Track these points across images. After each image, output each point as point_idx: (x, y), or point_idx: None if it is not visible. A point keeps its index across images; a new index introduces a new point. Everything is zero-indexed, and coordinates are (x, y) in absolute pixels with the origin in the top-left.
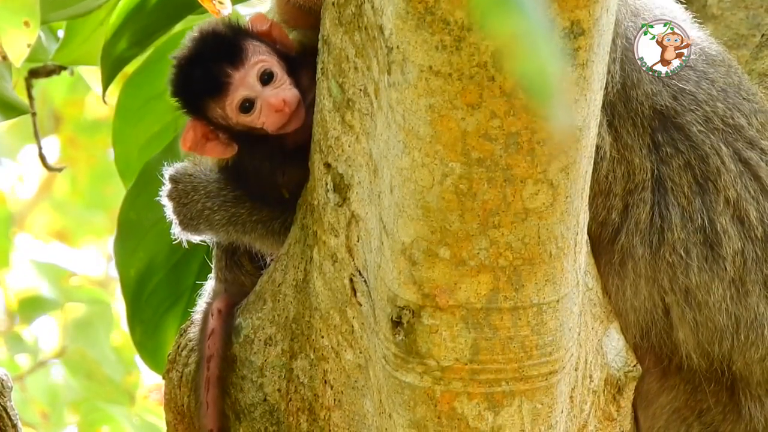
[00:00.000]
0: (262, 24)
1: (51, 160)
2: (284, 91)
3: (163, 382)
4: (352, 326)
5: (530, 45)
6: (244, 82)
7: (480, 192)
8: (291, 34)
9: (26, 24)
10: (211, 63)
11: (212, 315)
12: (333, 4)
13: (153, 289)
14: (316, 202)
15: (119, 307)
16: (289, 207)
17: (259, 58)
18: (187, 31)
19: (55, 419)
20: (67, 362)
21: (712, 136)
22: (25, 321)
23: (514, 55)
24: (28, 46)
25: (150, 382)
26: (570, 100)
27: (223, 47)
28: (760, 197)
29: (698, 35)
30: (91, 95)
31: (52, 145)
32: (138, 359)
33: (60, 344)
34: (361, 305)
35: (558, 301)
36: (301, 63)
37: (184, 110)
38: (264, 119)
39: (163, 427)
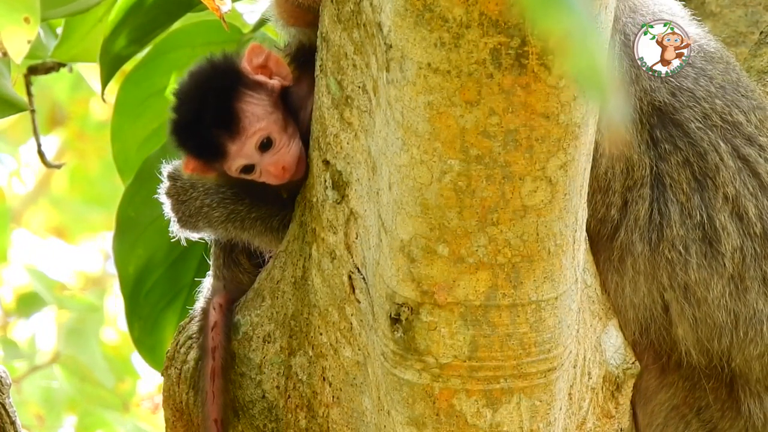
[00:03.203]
0: (258, 57)
1: (51, 157)
2: (284, 156)
3: (156, 389)
4: (351, 323)
5: (581, 42)
6: (242, 152)
7: (478, 189)
8: (289, 32)
9: (26, 20)
10: (209, 131)
11: (213, 309)
12: (332, 1)
13: (151, 286)
14: (314, 199)
15: (112, 308)
16: (287, 204)
17: (257, 127)
18: (186, 28)
19: (50, 423)
20: (61, 367)
21: (710, 133)
22: (23, 317)
23: (566, 52)
24: (28, 42)
25: (143, 390)
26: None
27: (220, 114)
28: (759, 194)
29: (697, 32)
30: (88, 92)
31: (54, 142)
32: (133, 364)
33: (55, 348)
34: (359, 302)
35: (556, 298)
36: (299, 79)
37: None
38: (264, 179)
39: None
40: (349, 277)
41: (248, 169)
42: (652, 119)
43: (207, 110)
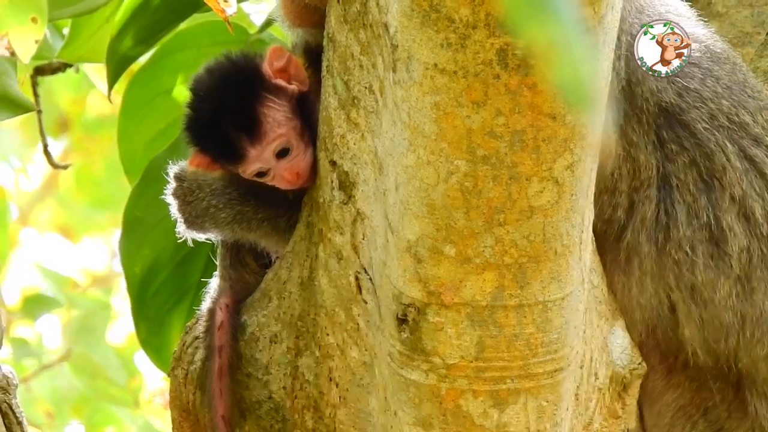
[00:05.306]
0: (279, 60)
1: (57, 157)
2: (299, 163)
3: (166, 384)
4: (358, 324)
5: (565, 51)
6: (261, 157)
7: (485, 189)
8: (296, 33)
9: (34, 20)
10: (229, 134)
11: (220, 309)
12: (338, 1)
13: (158, 286)
14: (321, 200)
15: (120, 306)
16: (294, 205)
17: (278, 132)
18: (192, 29)
19: (59, 420)
20: (71, 364)
21: (717, 134)
22: (30, 318)
23: (549, 62)
24: (36, 42)
25: (154, 386)
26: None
27: (242, 117)
28: (766, 194)
29: (703, 33)
30: (94, 92)
31: (62, 142)
32: (136, 365)
33: (64, 346)
34: (366, 303)
35: (563, 298)
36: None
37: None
38: (276, 183)
39: (168, 430)
40: (356, 278)
41: (262, 173)
42: (659, 120)
43: (228, 112)
